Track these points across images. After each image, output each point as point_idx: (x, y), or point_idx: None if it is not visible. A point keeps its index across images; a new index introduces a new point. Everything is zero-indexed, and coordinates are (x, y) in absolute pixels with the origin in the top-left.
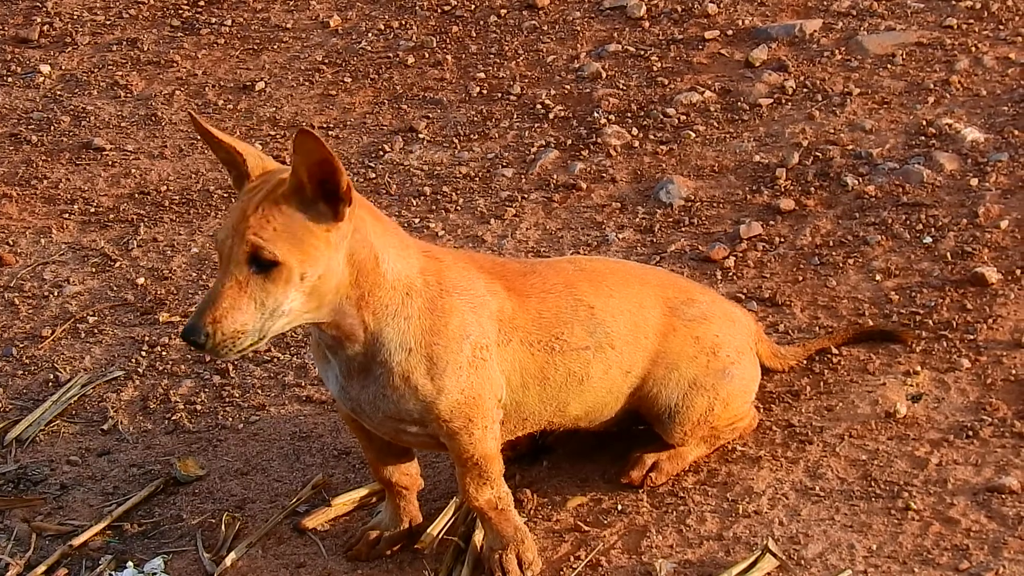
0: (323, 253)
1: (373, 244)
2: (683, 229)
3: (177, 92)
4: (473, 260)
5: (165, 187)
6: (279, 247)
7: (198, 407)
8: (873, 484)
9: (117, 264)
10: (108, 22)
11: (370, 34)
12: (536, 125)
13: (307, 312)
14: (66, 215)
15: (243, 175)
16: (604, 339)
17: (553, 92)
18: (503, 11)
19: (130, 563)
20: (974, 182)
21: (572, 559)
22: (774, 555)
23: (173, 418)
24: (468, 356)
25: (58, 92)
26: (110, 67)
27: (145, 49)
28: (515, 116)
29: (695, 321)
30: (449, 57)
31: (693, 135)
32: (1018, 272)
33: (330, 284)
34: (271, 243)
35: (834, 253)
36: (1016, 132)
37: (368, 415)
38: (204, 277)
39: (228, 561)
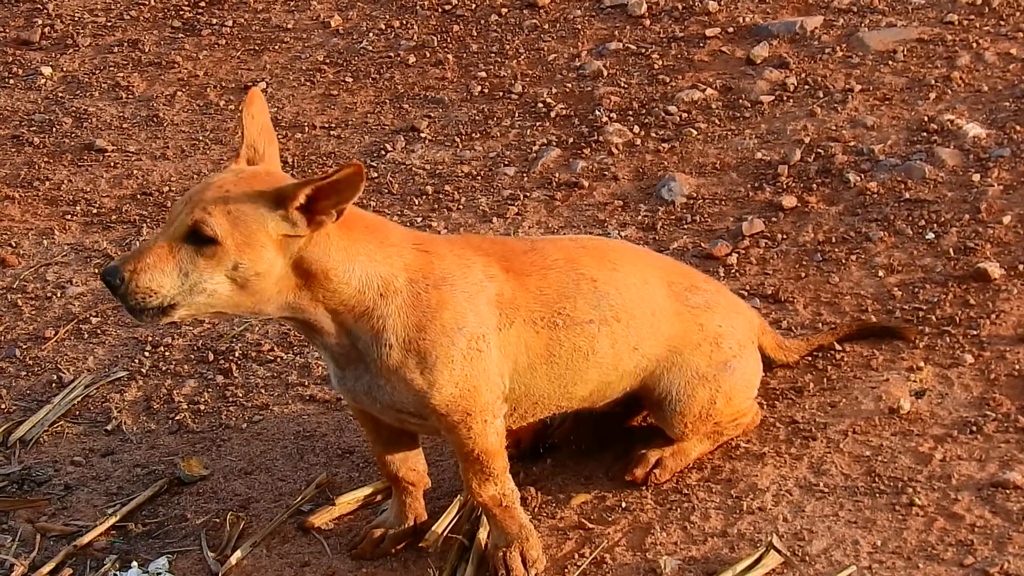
0: (268, 253)
1: (329, 258)
2: (685, 226)
3: (179, 93)
4: (470, 244)
5: (167, 188)
6: (222, 228)
7: (202, 407)
8: (877, 480)
9: None
10: (109, 24)
11: (371, 34)
12: (538, 123)
13: (239, 303)
14: (68, 216)
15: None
16: (609, 312)
17: (554, 90)
18: (504, 10)
19: (134, 563)
20: (976, 178)
21: (576, 556)
22: (778, 551)
23: (177, 418)
24: (463, 349)
25: (60, 94)
26: (111, 68)
27: (146, 50)
28: (517, 115)
29: (699, 309)
30: (450, 56)
31: (695, 132)
32: (1021, 267)
33: (268, 282)
34: (218, 223)
35: (836, 249)
36: (1018, 128)
37: (367, 405)
38: None
39: (232, 560)
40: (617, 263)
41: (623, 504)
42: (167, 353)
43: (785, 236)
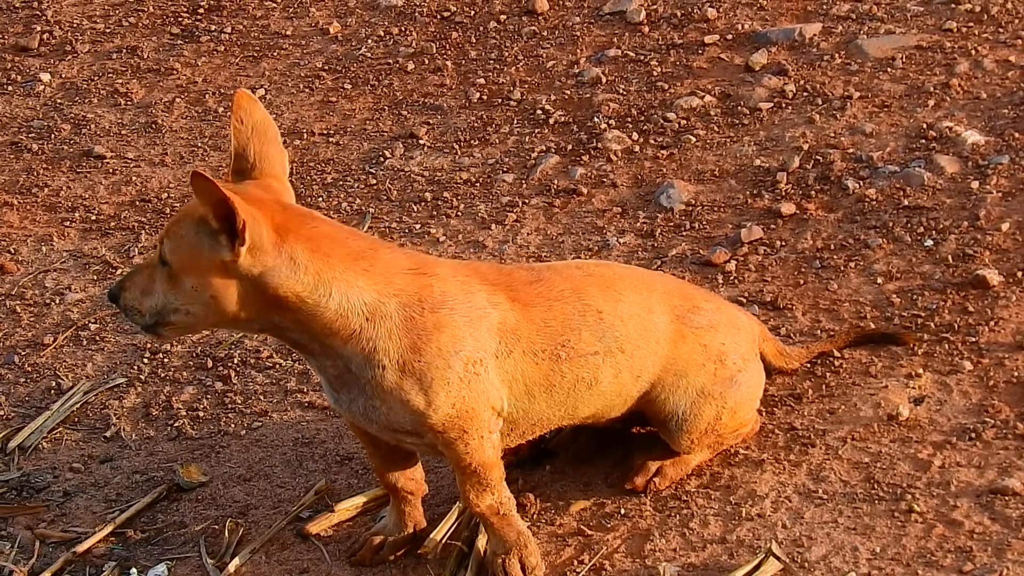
0: (215, 277)
1: (298, 283)
2: (684, 233)
3: (177, 100)
4: (476, 271)
5: (166, 194)
6: (173, 254)
7: (200, 413)
8: (876, 487)
9: (119, 271)
10: (108, 30)
11: (370, 41)
12: (536, 130)
13: (219, 321)
14: (67, 223)
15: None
16: (614, 344)
17: (553, 97)
18: (503, 17)
19: (134, 570)
20: (975, 185)
21: (576, 563)
22: (777, 558)
23: (175, 425)
24: (459, 372)
25: (58, 100)
26: (110, 75)
27: (145, 57)
28: (515, 121)
29: (702, 329)
30: (449, 63)
31: (693, 139)
32: (1019, 274)
33: (229, 306)
34: (169, 246)
35: (835, 256)
36: (1016, 135)
37: (363, 424)
38: None
39: (232, 567)
40: (622, 292)
41: (622, 511)
42: (166, 360)
43: (784, 243)
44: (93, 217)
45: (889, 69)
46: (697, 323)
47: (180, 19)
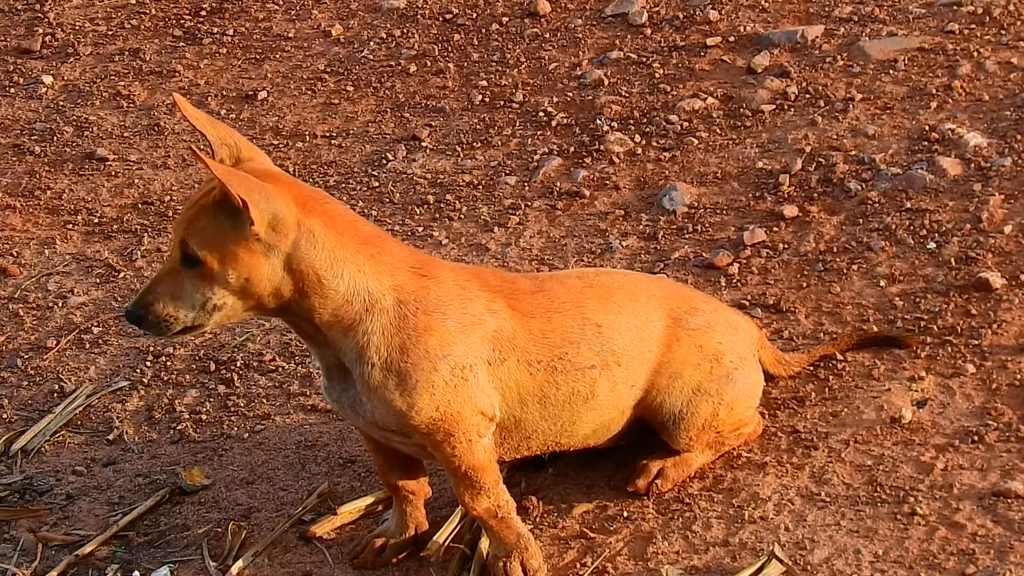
0: (245, 258)
1: (317, 258)
2: (686, 236)
3: None
4: (478, 277)
5: (168, 197)
6: (201, 248)
7: (203, 417)
8: (879, 489)
9: (121, 274)
10: (110, 32)
11: (372, 43)
12: (539, 133)
13: (247, 309)
14: (70, 226)
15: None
16: (611, 357)
17: (555, 100)
18: (505, 19)
19: (136, 573)
20: (977, 187)
21: (578, 566)
22: (780, 561)
23: (178, 428)
24: (446, 376)
25: (61, 103)
26: (112, 77)
27: (147, 59)
28: (518, 124)
29: (699, 331)
30: (451, 65)
31: (696, 142)
32: (1022, 277)
33: (262, 287)
34: (195, 242)
35: (838, 259)
36: (1019, 137)
37: (352, 419)
38: None
39: (234, 570)
40: (621, 304)
41: (625, 513)
42: (169, 363)
43: (786, 246)
44: (96, 220)
45: (891, 71)
46: (694, 325)
47: (182, 21)
